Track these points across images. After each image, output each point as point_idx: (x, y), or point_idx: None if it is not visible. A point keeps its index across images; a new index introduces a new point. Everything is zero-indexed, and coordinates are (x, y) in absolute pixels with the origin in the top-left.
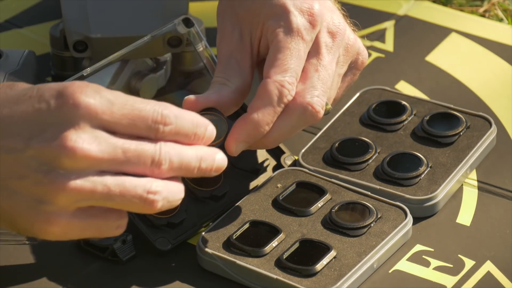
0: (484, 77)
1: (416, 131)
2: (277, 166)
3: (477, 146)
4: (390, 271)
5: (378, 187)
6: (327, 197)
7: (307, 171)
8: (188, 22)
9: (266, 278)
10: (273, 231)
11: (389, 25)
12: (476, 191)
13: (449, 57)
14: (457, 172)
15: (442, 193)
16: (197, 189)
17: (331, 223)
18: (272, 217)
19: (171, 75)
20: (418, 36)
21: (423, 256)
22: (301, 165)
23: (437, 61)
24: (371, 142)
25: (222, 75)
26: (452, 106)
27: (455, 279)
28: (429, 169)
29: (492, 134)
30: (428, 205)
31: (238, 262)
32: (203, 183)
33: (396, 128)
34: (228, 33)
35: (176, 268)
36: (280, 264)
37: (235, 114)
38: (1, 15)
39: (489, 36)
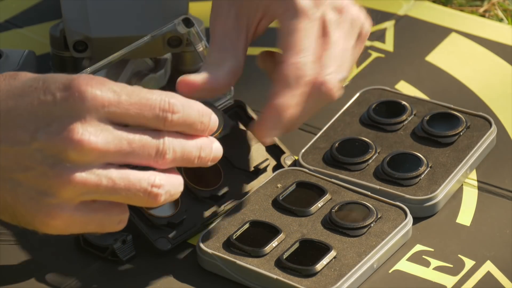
0: (484, 77)
1: (416, 131)
2: (277, 166)
3: (477, 146)
4: (390, 271)
5: (378, 187)
6: (327, 197)
7: (307, 171)
8: (188, 22)
9: (266, 278)
10: (273, 231)
11: (389, 25)
12: (476, 191)
13: (449, 57)
14: (457, 172)
15: (442, 193)
16: (197, 189)
17: (331, 223)
18: (272, 217)
19: (171, 75)
20: (418, 36)
21: (423, 256)
22: (301, 165)
23: (437, 61)
24: (371, 142)
25: (216, 55)
26: (452, 106)
27: (455, 279)
28: (429, 169)
29: (492, 134)
30: (428, 205)
31: (238, 262)
32: (203, 183)
33: (396, 128)
34: (224, 12)
35: (176, 268)
36: (280, 264)
37: (236, 116)
38: (1, 15)
39: (489, 36)
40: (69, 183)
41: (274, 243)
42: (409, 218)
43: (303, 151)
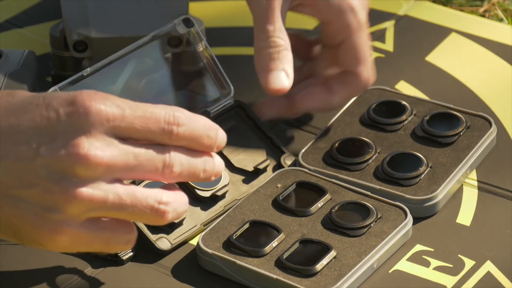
0: (484, 77)
1: (416, 131)
2: (277, 166)
3: (477, 146)
4: (390, 271)
5: (378, 187)
6: (327, 197)
7: (307, 171)
8: (188, 22)
9: (266, 278)
10: (273, 231)
11: (389, 25)
12: (476, 191)
13: (449, 57)
14: (457, 172)
15: (442, 193)
16: (197, 189)
17: (331, 223)
18: (272, 217)
19: (171, 75)
20: (418, 36)
21: (423, 256)
22: (301, 165)
23: (437, 61)
24: (371, 142)
25: (284, 37)
26: (452, 106)
27: (455, 279)
28: (429, 169)
29: (492, 134)
30: (428, 205)
31: (238, 262)
32: (203, 183)
33: (396, 128)
34: None
35: (176, 268)
36: (280, 264)
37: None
38: (1, 15)
39: (489, 36)
40: (75, 199)
41: (274, 243)
42: (409, 218)
43: (303, 151)
